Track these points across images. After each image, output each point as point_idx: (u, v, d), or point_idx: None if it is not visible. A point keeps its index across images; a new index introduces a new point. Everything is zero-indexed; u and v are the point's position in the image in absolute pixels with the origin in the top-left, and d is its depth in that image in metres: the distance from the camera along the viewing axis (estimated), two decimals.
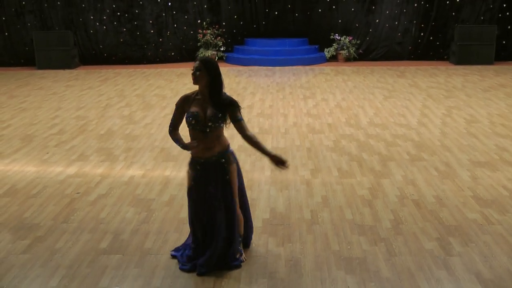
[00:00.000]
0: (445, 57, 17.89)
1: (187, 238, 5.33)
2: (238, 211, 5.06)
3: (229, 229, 4.98)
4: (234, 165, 5.00)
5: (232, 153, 5.03)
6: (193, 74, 4.78)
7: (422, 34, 17.95)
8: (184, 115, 4.94)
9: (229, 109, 4.82)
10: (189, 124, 4.83)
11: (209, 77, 4.76)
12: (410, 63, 17.47)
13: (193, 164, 4.98)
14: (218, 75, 4.81)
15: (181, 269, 5.04)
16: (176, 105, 5.01)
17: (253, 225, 5.55)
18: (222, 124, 4.84)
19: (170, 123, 5.10)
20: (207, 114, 4.78)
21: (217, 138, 4.88)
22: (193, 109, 4.83)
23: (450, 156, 8.22)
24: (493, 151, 8.42)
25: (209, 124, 4.78)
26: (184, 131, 5.02)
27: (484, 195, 6.74)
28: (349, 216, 6.15)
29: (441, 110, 11.09)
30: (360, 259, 5.21)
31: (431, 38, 17.94)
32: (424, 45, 18.01)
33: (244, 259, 5.11)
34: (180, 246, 5.34)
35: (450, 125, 9.93)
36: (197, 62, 4.78)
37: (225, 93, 4.88)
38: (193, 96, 4.92)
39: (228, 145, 4.99)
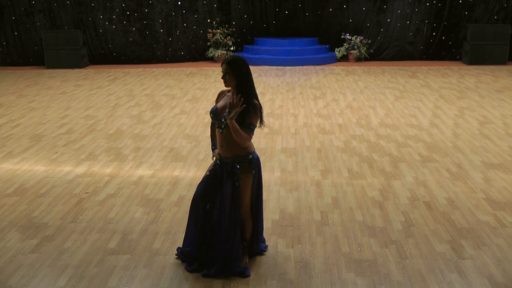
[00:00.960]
0: (458, 57, 17.81)
1: (185, 236, 5.24)
2: (246, 217, 5.03)
3: (233, 234, 4.94)
4: (250, 175, 4.86)
5: (253, 161, 4.87)
6: (223, 78, 4.73)
7: (434, 33, 17.88)
8: None
9: (246, 112, 4.64)
10: (210, 117, 4.86)
11: (237, 79, 4.69)
12: (422, 63, 17.40)
13: (217, 157, 4.99)
14: (246, 75, 4.71)
15: (186, 269, 5.05)
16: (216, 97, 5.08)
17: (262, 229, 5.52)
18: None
19: None
20: (224, 112, 4.75)
21: (233, 140, 4.74)
22: (218, 103, 4.87)
23: (462, 157, 8.18)
24: (507, 153, 8.37)
25: (222, 120, 4.75)
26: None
27: (497, 197, 6.70)
28: (360, 218, 6.13)
29: (453, 111, 11.05)
30: (370, 261, 5.19)
31: (443, 37, 17.86)
32: (436, 45, 17.93)
33: (245, 265, 5.06)
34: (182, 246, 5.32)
35: (462, 126, 9.89)
36: (224, 65, 4.69)
37: (255, 97, 4.74)
38: (226, 91, 4.94)
39: (249, 153, 4.84)
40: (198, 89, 13.65)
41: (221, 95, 5.00)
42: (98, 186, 7.23)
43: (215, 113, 4.81)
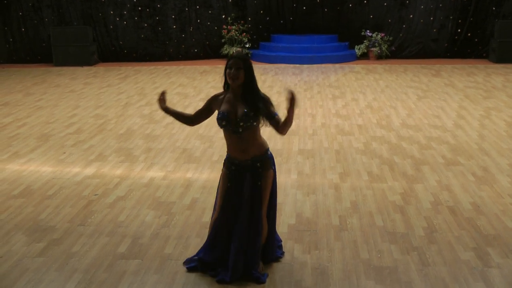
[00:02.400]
0: (484, 54, 17.69)
1: (206, 247, 5.20)
2: (264, 220, 5.03)
3: (253, 237, 4.94)
4: (271, 172, 4.94)
5: (271, 158, 4.96)
6: (235, 74, 4.74)
7: (459, 30, 17.78)
8: (208, 113, 5.05)
9: (262, 107, 4.76)
10: (220, 125, 4.82)
11: (246, 74, 4.76)
12: (446, 61, 17.31)
13: (228, 163, 4.98)
14: (253, 71, 4.83)
15: (209, 274, 5.05)
16: (206, 101, 5.08)
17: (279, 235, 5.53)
18: (254, 124, 4.78)
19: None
20: (238, 114, 4.75)
21: (253, 140, 4.83)
22: (223, 108, 4.83)
23: (489, 160, 8.12)
24: None
25: (241, 124, 4.75)
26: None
27: None
28: (380, 223, 6.11)
29: (479, 111, 10.97)
30: (391, 268, 5.17)
31: (469, 34, 17.75)
32: (461, 42, 17.82)
33: (261, 270, 5.06)
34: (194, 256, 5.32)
35: (488, 127, 9.82)
36: (237, 60, 4.73)
37: (258, 90, 4.87)
38: (222, 96, 4.93)
39: (267, 149, 4.94)
40: (212, 87, 13.68)
41: (216, 100, 4.96)
42: (107, 188, 7.27)
43: (228, 119, 4.78)
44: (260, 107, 4.76)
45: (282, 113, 4.84)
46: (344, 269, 5.17)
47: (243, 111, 4.74)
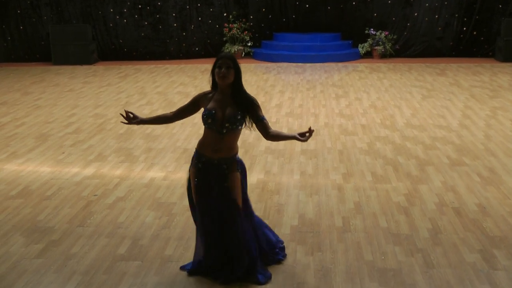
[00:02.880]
0: (490, 53, 17.67)
1: (195, 253, 5.21)
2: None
3: (245, 238, 4.93)
4: (237, 174, 4.89)
5: (239, 162, 4.96)
6: (225, 73, 4.75)
7: (464, 28, 17.76)
8: (193, 110, 5.06)
9: (250, 109, 4.83)
10: (205, 122, 4.82)
11: (236, 74, 4.81)
12: (451, 60, 17.29)
13: (195, 159, 4.93)
14: (241, 72, 4.88)
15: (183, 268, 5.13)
16: (192, 98, 5.07)
17: (279, 235, 5.54)
18: (239, 127, 4.82)
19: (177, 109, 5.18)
20: (226, 114, 4.77)
21: (231, 143, 4.85)
22: (211, 106, 4.84)
23: (495, 161, 8.12)
24: None
25: (226, 125, 4.76)
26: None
27: None
28: (384, 224, 6.11)
29: (485, 111, 10.97)
30: (395, 270, 5.17)
31: (474, 32, 17.74)
32: (467, 41, 17.81)
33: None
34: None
35: (495, 127, 9.81)
36: (226, 60, 4.77)
37: (246, 91, 4.93)
38: (211, 94, 4.94)
39: (235, 154, 4.93)
40: None
41: (204, 97, 4.97)
42: (107, 188, 7.27)
43: (215, 118, 4.78)
44: (250, 108, 4.82)
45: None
46: (347, 271, 5.17)
47: (231, 113, 4.76)
